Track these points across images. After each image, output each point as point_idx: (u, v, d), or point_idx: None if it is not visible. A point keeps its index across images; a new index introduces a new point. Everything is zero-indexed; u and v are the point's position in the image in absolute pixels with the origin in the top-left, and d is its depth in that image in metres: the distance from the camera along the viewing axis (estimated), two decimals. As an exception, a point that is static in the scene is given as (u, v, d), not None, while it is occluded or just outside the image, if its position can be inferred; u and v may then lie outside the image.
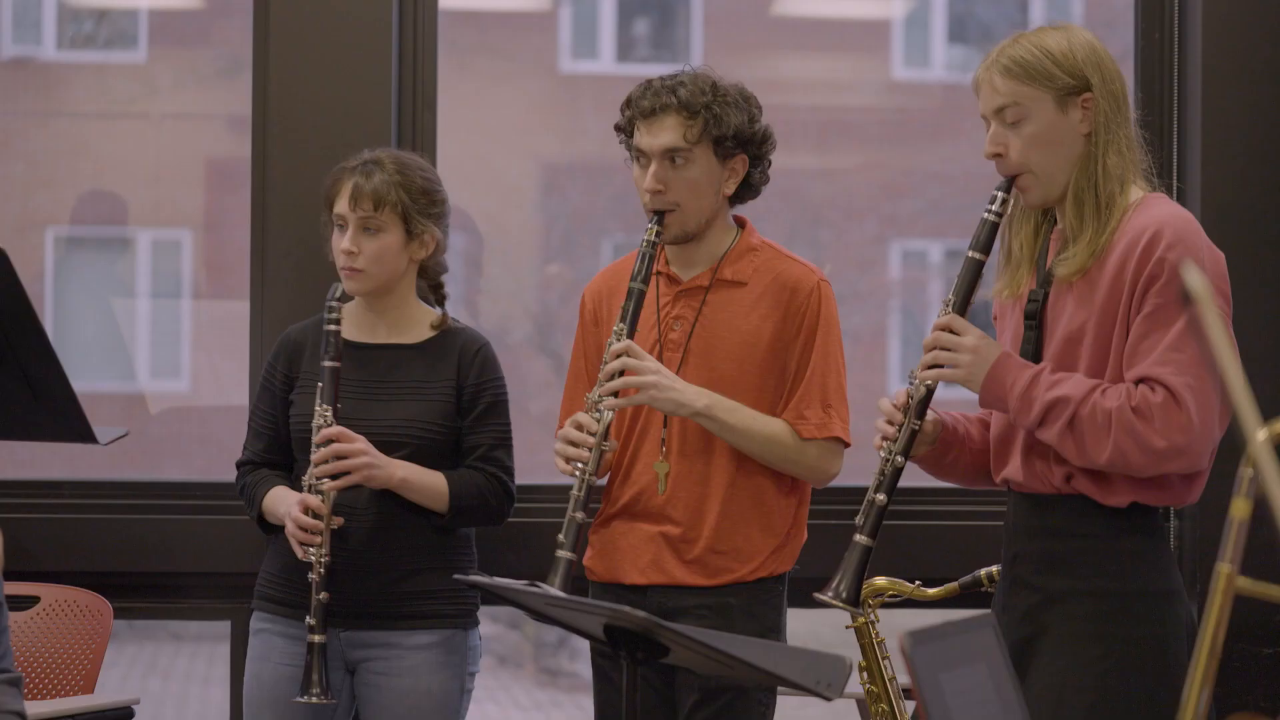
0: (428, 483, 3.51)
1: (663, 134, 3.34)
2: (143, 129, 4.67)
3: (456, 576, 3.26)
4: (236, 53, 4.42)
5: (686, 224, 3.38)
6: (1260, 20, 4.10)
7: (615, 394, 3.28)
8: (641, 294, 3.32)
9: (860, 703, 3.69)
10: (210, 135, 4.66)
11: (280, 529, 3.52)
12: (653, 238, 3.33)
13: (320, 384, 3.48)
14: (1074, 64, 2.81)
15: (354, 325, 3.62)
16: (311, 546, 3.42)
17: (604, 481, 3.39)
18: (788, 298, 3.39)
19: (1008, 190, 2.86)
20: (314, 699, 3.39)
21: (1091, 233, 2.78)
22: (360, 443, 3.45)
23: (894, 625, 2.75)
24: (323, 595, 3.41)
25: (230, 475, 3.70)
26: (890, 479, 2.87)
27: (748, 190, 3.46)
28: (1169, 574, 2.80)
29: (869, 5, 5.05)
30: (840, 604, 2.85)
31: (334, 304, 3.49)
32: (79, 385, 2.88)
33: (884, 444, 2.88)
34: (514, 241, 4.94)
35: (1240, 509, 1.87)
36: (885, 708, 3.18)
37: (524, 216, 4.95)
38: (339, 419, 3.46)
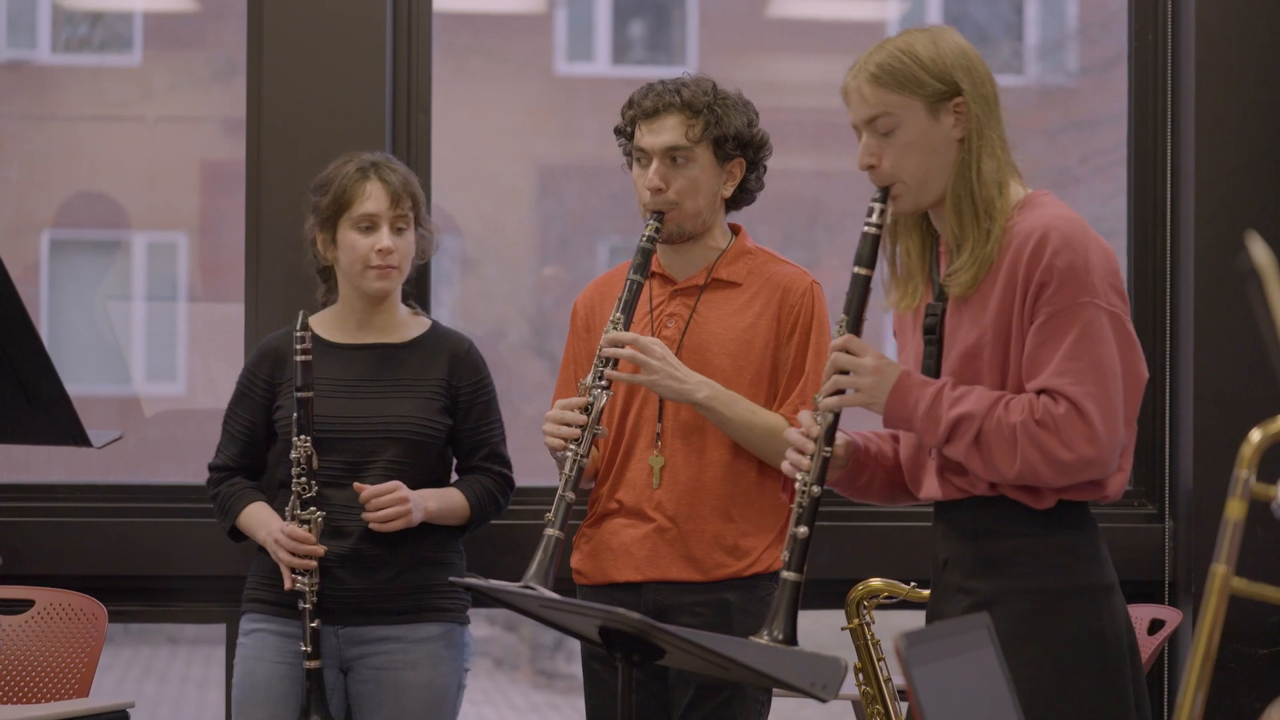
0: (451, 505, 3.59)
1: (665, 133, 3.37)
2: (138, 132, 4.66)
3: (453, 580, 3.27)
4: (231, 55, 4.42)
5: (684, 223, 3.40)
6: (1253, 21, 4.11)
7: (615, 368, 3.29)
8: (638, 286, 3.34)
9: (855, 704, 3.69)
10: (205, 138, 4.66)
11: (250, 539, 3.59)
12: (651, 233, 3.35)
13: (295, 415, 3.48)
14: (943, 69, 2.73)
15: (336, 327, 3.65)
16: (301, 575, 3.45)
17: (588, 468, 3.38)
18: (781, 297, 3.41)
19: (884, 200, 2.78)
20: None
21: (974, 241, 2.72)
22: (400, 490, 3.48)
23: (889, 627, 2.75)
24: (315, 623, 3.45)
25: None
26: (809, 510, 2.77)
27: (744, 195, 3.49)
28: (1103, 568, 2.74)
29: (864, 7, 5.05)
30: (780, 646, 2.76)
31: (302, 334, 3.48)
32: (74, 388, 2.88)
33: (798, 475, 2.79)
34: (509, 243, 4.94)
35: (1236, 510, 1.87)
36: (880, 709, 3.18)
37: (519, 218, 4.95)
38: (319, 419, 3.47)
